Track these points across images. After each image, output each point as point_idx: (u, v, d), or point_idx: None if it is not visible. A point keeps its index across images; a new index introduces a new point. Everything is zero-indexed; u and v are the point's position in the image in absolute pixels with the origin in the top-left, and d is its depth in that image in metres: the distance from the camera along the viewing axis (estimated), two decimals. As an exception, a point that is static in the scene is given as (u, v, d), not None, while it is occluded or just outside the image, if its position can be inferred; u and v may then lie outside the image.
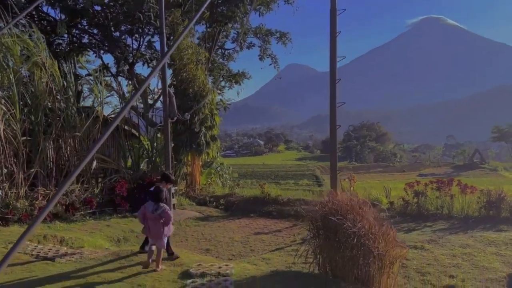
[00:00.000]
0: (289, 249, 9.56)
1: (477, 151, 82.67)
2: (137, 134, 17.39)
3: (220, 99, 20.66)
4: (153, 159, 16.04)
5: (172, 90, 14.68)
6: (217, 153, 21.39)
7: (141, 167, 17.00)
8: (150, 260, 6.71)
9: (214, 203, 15.25)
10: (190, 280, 6.10)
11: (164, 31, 10.14)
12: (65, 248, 8.58)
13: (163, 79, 12.05)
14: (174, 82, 16.41)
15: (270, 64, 22.85)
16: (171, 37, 19.04)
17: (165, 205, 6.69)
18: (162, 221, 6.57)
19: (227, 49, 22.59)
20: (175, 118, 13.57)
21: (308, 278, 5.98)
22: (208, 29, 19.48)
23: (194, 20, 11.36)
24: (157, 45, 19.61)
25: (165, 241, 6.79)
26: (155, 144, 16.61)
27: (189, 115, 14.53)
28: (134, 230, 11.35)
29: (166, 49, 11.03)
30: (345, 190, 14.36)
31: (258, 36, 23.16)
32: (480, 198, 11.99)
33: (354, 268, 5.72)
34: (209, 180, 19.56)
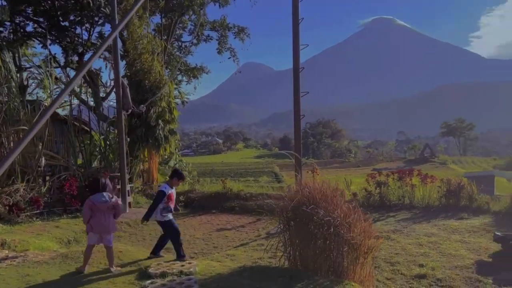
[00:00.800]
0: (254, 244, 9.14)
1: (427, 146, 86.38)
2: (88, 129, 16.30)
3: (179, 92, 19.85)
4: (106, 155, 15.04)
5: (126, 82, 13.81)
6: (175, 149, 20.63)
7: (94, 164, 15.96)
8: (86, 265, 6.01)
9: (173, 200, 14.55)
10: (149, 281, 5.52)
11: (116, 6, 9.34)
12: (7, 252, 7.67)
13: (115, 67, 11.27)
14: (128, 73, 15.49)
15: (229, 58, 22.34)
16: (124, 30, 18.06)
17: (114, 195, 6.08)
18: (112, 213, 5.95)
19: (184, 42, 21.82)
20: (130, 111, 12.78)
21: (278, 272, 5.57)
22: (164, 20, 18.64)
23: None
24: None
25: (112, 237, 6.13)
26: (108, 139, 15.61)
27: (144, 107, 13.75)
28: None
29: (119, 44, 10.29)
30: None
31: (216, 29, 22.56)
32: (440, 187, 12.15)
33: (328, 259, 5.37)
34: (167, 177, 18.80)
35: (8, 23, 17.99)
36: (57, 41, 17.89)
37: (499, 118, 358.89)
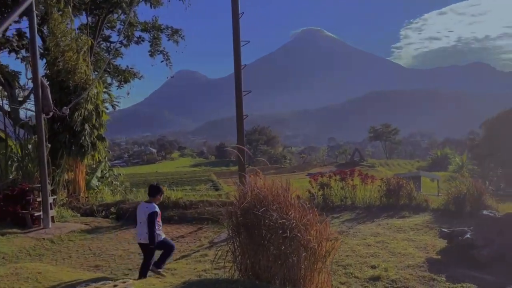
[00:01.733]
0: (196, 255, 8.39)
1: (357, 150, 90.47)
2: (3, 136, 14.46)
3: (108, 95, 18.41)
4: (24, 165, 13.39)
5: (46, 82, 12.36)
6: (105, 157, 19.13)
7: (12, 175, 14.16)
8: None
9: (103, 212, 13.27)
10: (74, 307, 4.61)
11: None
12: None
13: (33, 63, 9.97)
14: (49, 73, 13.97)
15: (162, 61, 21.27)
16: (44, 26, 16.44)
17: None
18: None
19: (113, 42, 20.42)
20: (51, 114, 11.42)
21: (228, 284, 4.93)
22: (90, 17, 17.25)
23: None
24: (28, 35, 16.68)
25: None
26: (26, 147, 13.92)
27: (68, 110, 12.39)
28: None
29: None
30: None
31: (148, 30, 21.43)
32: (380, 187, 12.23)
33: (283, 267, 4.83)
34: (96, 187, 17.30)
35: None
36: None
37: (419, 123, 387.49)
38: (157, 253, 6.72)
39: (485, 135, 47.16)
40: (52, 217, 11.66)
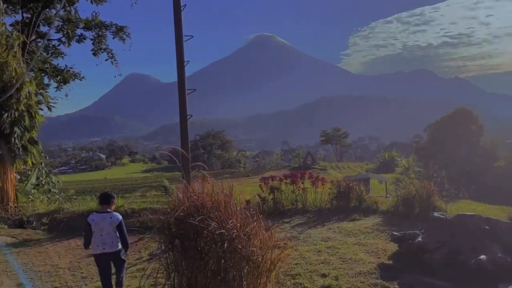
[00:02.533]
0: (133, 270, 7.62)
1: (309, 153, 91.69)
2: None
3: (41, 94, 16.93)
4: None
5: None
6: (41, 162, 17.69)
7: None
8: None
9: (34, 223, 12.05)
10: None
11: None
12: None
13: None
14: (-29, 70, 12.55)
15: (107, 60, 20.04)
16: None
17: None
18: None
19: (51, 40, 18.92)
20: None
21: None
22: (24, 12, 15.82)
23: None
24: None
25: None
26: None
27: (-8, 110, 11.12)
28: None
29: None
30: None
31: (91, 28, 20.14)
32: (331, 189, 12.00)
33: (223, 283, 4.25)
34: (30, 196, 15.84)
35: None
36: None
37: (367, 127, 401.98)
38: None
39: (429, 139, 49.26)
40: (-28, 230, 10.37)
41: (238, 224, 4.34)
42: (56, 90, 20.75)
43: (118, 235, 5.94)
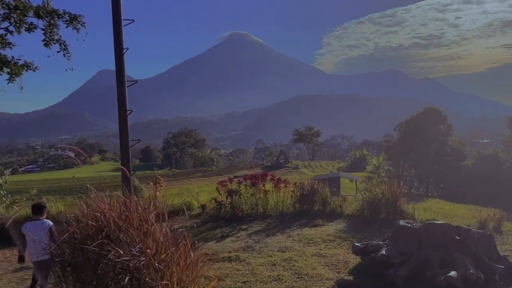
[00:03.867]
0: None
1: (282, 152, 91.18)
2: None
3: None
4: None
5: None
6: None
7: None
8: None
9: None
10: None
11: None
12: None
13: None
14: None
15: (59, 51, 18.50)
16: None
17: None
18: None
19: (-5, 28, 17.28)
20: None
21: None
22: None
23: None
24: None
25: None
26: None
27: None
28: None
29: None
30: (150, 197, 11.90)
31: (43, 17, 18.56)
32: (294, 192, 11.19)
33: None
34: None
35: None
36: None
37: (340, 126, 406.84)
38: None
39: (399, 138, 49.43)
40: None
41: (152, 250, 3.38)
42: (8, 83, 19.07)
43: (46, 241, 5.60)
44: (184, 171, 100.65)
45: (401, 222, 6.76)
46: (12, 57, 18.66)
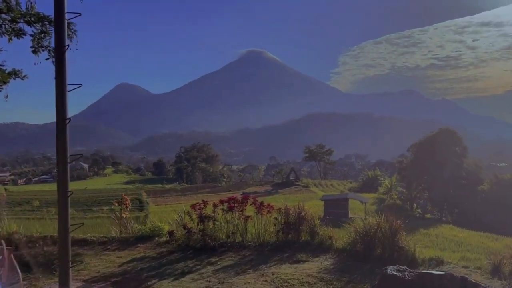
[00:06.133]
0: None
1: (293, 170, 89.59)
2: None
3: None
4: None
5: None
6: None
7: None
8: None
9: None
10: None
11: None
12: None
13: None
14: None
15: (47, 59, 17.67)
16: None
17: None
18: None
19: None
20: None
21: None
22: None
23: None
24: None
25: None
26: None
27: None
28: None
29: None
30: (119, 221, 10.63)
31: (32, 23, 17.78)
32: (277, 219, 9.74)
33: None
34: None
35: None
36: None
37: (354, 145, 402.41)
38: None
39: (412, 159, 47.54)
40: None
41: None
42: (-1, 90, 18.24)
43: None
44: (193, 186, 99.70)
45: (390, 270, 5.27)
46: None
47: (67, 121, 6.62)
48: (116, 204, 10.02)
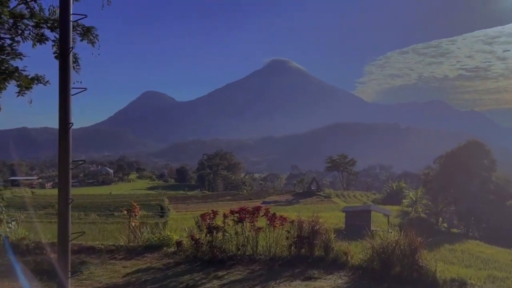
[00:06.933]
0: None
1: (314, 179, 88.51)
2: None
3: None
4: None
5: None
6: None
7: None
8: None
9: None
10: None
11: None
12: None
13: None
14: None
15: (69, 65, 17.87)
16: None
17: None
18: None
19: (2, 38, 16.82)
20: None
21: None
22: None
23: None
24: None
25: None
26: None
27: None
28: None
29: None
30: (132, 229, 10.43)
31: (54, 28, 18.02)
32: (290, 232, 9.29)
33: None
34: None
35: None
36: None
37: (379, 156, 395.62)
38: None
39: (439, 171, 46.10)
40: None
41: None
42: (18, 95, 18.58)
43: None
44: (214, 193, 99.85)
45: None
46: (16, 67, 18.10)
47: (70, 125, 6.41)
48: (125, 212, 9.80)
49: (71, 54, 6.69)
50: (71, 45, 6.69)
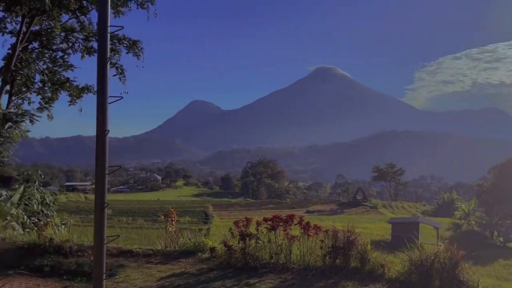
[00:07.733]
0: None
1: (360, 189, 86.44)
2: None
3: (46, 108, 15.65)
4: None
5: None
6: (35, 181, 16.49)
7: None
8: None
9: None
10: None
11: None
12: None
13: None
14: None
15: (115, 75, 18.73)
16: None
17: None
18: None
19: (55, 50, 17.93)
20: None
21: None
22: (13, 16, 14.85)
23: None
24: None
25: None
26: None
27: None
28: None
29: None
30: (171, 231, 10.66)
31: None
32: (324, 242, 9.09)
33: None
34: (9, 217, 14.35)
35: None
36: None
37: (430, 166, 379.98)
38: None
39: (493, 182, 43.50)
40: None
41: None
42: (70, 105, 19.79)
43: None
44: (257, 201, 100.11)
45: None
46: (68, 78, 19.17)
47: (107, 132, 6.69)
48: (162, 217, 10.05)
49: (108, 64, 6.99)
50: (108, 55, 7.00)
